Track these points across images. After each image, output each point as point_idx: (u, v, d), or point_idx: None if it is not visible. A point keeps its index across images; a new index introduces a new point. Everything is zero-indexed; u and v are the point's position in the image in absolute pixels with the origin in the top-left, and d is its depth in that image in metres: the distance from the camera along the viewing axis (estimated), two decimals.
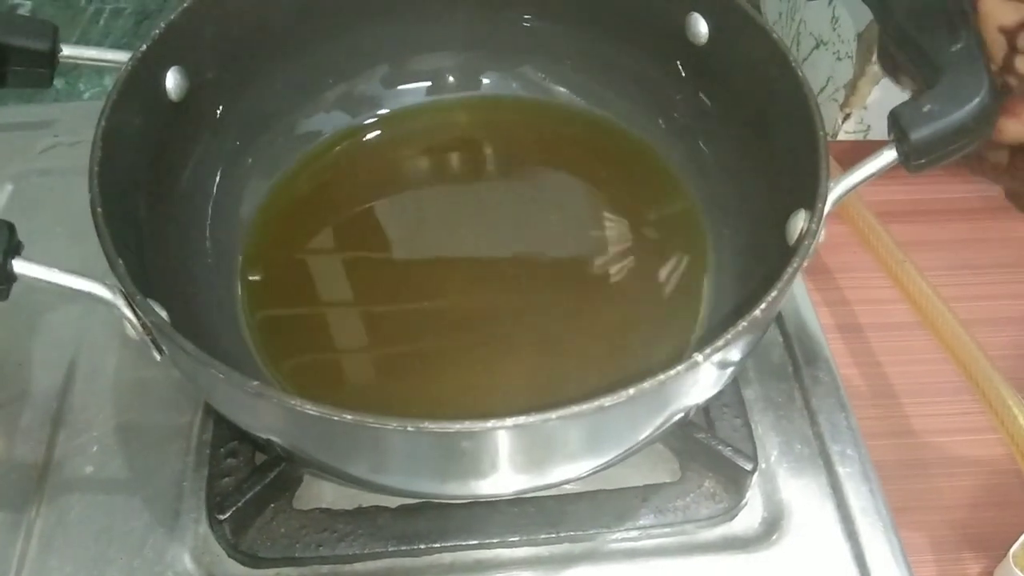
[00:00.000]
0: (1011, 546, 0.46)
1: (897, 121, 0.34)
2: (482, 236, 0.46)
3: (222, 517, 0.40)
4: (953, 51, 0.35)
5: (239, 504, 0.40)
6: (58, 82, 0.69)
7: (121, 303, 0.33)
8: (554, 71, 0.52)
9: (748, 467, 0.41)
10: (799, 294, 0.51)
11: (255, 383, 0.30)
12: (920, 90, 0.35)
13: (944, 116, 0.33)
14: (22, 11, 0.70)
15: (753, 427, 0.44)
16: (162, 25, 0.40)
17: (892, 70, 0.43)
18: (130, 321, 0.33)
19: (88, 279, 0.33)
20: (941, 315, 0.50)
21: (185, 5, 0.41)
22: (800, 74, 0.38)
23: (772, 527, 0.42)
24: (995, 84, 0.34)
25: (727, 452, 0.42)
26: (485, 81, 0.53)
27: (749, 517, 0.43)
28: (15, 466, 0.44)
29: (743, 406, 0.44)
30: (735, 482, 0.42)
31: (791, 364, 0.48)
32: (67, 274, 0.33)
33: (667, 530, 0.42)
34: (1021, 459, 0.45)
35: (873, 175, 0.35)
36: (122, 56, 0.40)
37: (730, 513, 0.42)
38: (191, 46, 0.42)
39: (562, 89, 0.52)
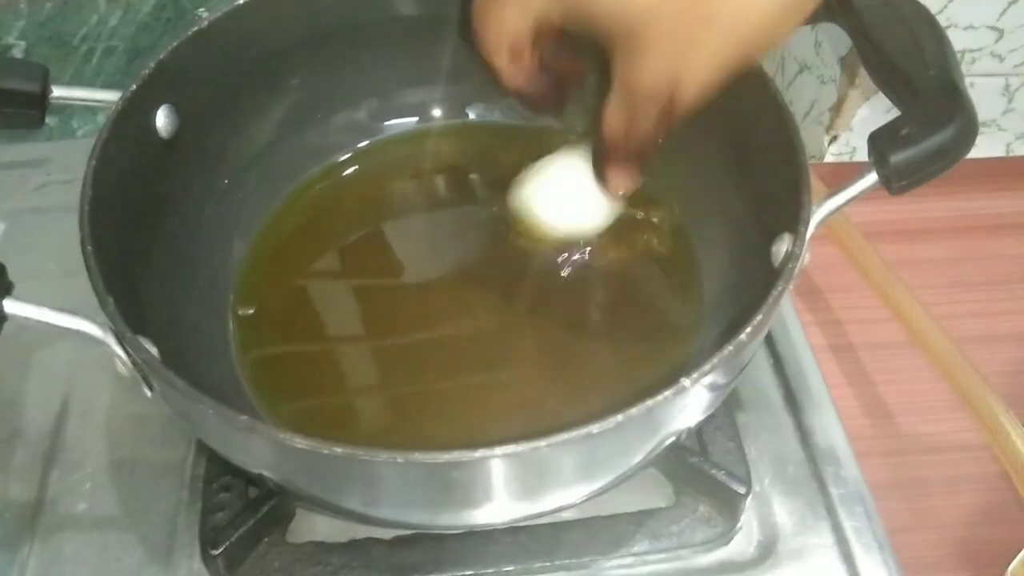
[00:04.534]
0: (1009, 564, 0.46)
1: (876, 145, 0.34)
2: (475, 265, 0.46)
3: (215, 552, 0.39)
4: (930, 74, 0.36)
5: (232, 539, 0.40)
6: (51, 120, 0.69)
7: (111, 341, 0.33)
8: None
9: (742, 490, 0.41)
10: (788, 316, 0.51)
11: (244, 418, 0.30)
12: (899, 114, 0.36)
13: (922, 139, 0.34)
14: (16, 51, 0.71)
15: (746, 450, 0.44)
16: (152, 64, 0.41)
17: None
18: (120, 358, 0.34)
19: (78, 317, 0.34)
20: (933, 333, 0.51)
21: (175, 44, 0.42)
22: (781, 99, 0.39)
23: (767, 551, 0.42)
24: (972, 106, 0.35)
25: (721, 476, 0.42)
26: (471, 114, 0.53)
27: (744, 541, 0.43)
28: (8, 504, 0.44)
29: (735, 429, 0.44)
30: (729, 506, 0.42)
31: (782, 386, 0.48)
32: (57, 312, 0.33)
33: (662, 556, 0.41)
34: (1015, 476, 0.45)
35: (854, 198, 0.35)
36: (112, 96, 0.40)
37: (725, 537, 0.42)
38: (181, 84, 0.42)
39: (545, 120, 0.52)
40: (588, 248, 0.46)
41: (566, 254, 0.46)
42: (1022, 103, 0.60)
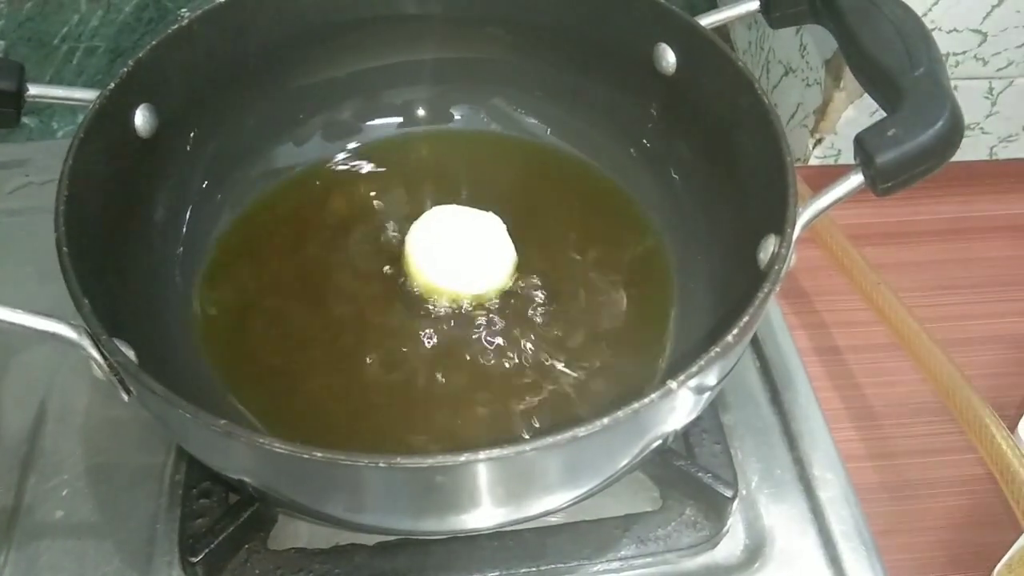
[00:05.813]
0: (995, 565, 0.46)
1: (862, 146, 0.34)
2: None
3: (195, 560, 0.39)
4: (915, 75, 0.36)
5: (212, 546, 0.39)
6: (31, 120, 0.68)
7: (87, 343, 0.33)
8: (524, 103, 0.52)
9: (728, 494, 0.41)
10: (775, 319, 0.51)
11: (223, 422, 0.29)
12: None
13: (908, 140, 0.34)
14: None
15: (733, 453, 0.44)
16: (130, 63, 0.40)
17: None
18: (96, 362, 0.33)
19: (53, 319, 0.33)
20: (917, 336, 0.51)
21: (153, 43, 0.41)
22: (766, 101, 0.39)
23: (755, 554, 0.42)
24: (958, 106, 0.35)
25: (707, 479, 0.41)
26: (456, 114, 0.53)
27: (731, 544, 0.42)
28: None
29: (722, 432, 0.44)
30: (716, 509, 0.42)
31: (769, 389, 0.48)
32: (31, 315, 0.33)
33: (649, 560, 0.41)
34: (1000, 478, 0.45)
35: (840, 199, 0.35)
36: (90, 94, 0.40)
37: (712, 541, 0.42)
38: (160, 83, 0.42)
39: (533, 120, 0.52)
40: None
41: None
42: (1005, 106, 0.61)
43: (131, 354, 0.33)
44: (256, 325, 0.45)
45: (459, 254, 0.45)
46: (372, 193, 0.50)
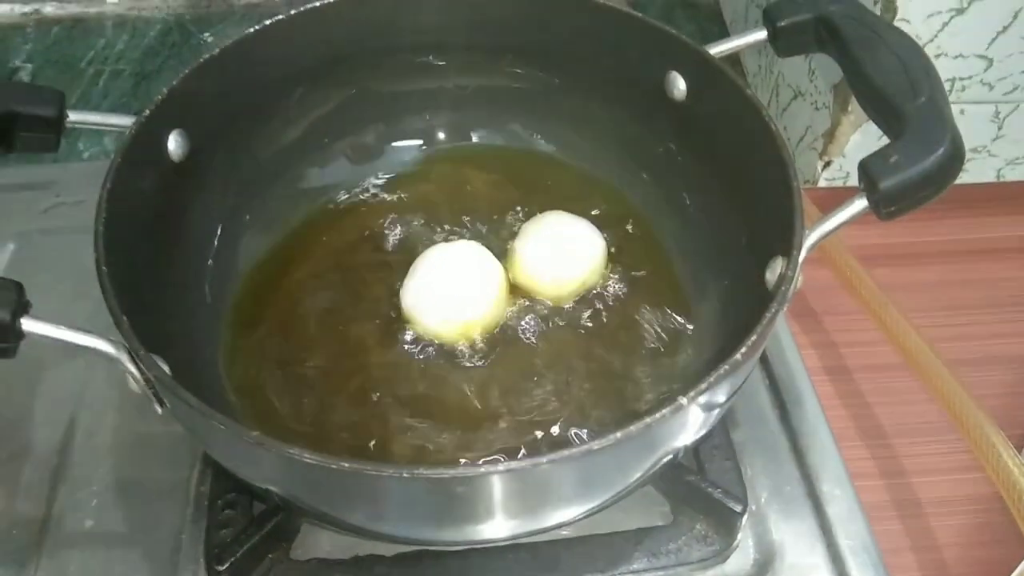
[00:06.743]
0: None
1: (866, 172, 0.35)
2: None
3: (220, 568, 0.40)
4: (917, 104, 0.37)
5: (237, 555, 0.40)
6: None
7: (125, 358, 0.34)
8: (540, 127, 0.54)
9: (738, 509, 0.42)
10: (784, 338, 0.52)
11: (255, 433, 0.31)
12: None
13: (910, 166, 0.35)
14: (23, 74, 0.72)
15: (743, 469, 0.45)
16: (165, 90, 0.42)
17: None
18: (133, 375, 0.34)
19: (93, 336, 0.34)
20: (926, 356, 0.51)
21: (187, 71, 0.43)
22: (774, 127, 0.40)
23: (764, 569, 0.43)
24: (959, 134, 0.36)
25: (718, 494, 0.42)
26: (475, 138, 0.55)
27: (741, 559, 0.43)
28: (15, 521, 0.44)
29: (732, 448, 0.45)
30: (726, 524, 0.43)
31: (778, 407, 0.49)
32: (73, 331, 0.34)
33: (660, 573, 0.42)
34: (1007, 496, 0.46)
35: (845, 223, 0.36)
36: (125, 120, 0.41)
37: (722, 555, 0.43)
38: (193, 109, 0.44)
39: (549, 145, 0.54)
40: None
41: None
42: (1012, 130, 0.62)
43: (165, 368, 0.35)
44: (280, 342, 0.46)
45: (450, 289, 0.46)
46: (391, 215, 0.51)
